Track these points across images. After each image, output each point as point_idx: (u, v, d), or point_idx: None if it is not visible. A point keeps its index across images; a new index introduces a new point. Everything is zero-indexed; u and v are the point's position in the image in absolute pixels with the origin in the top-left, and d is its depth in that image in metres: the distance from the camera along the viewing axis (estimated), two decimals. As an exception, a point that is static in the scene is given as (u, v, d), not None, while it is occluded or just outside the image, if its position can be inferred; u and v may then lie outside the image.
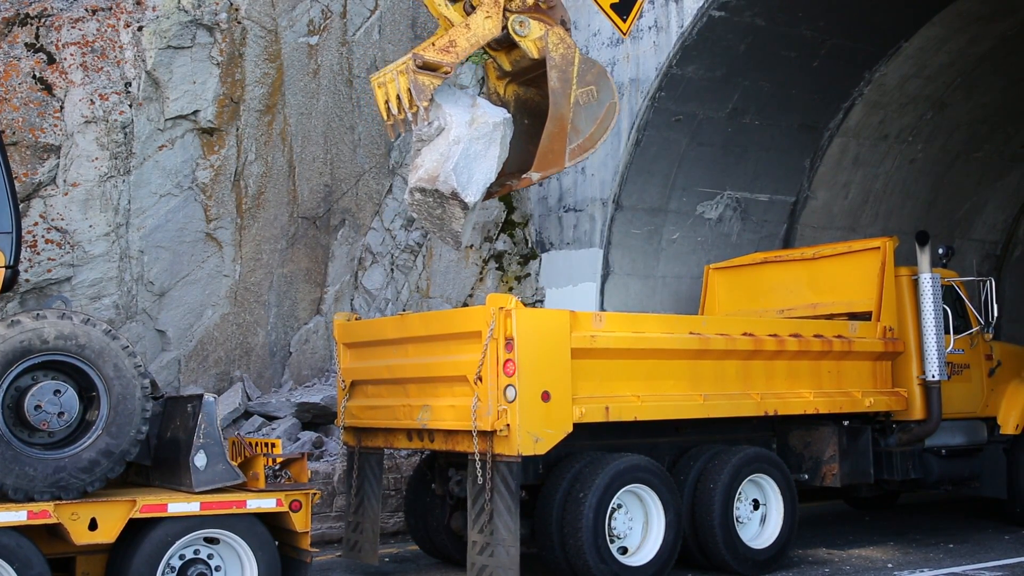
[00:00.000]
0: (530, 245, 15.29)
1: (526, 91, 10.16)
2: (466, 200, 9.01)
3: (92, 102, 12.61)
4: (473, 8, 9.59)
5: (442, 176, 8.97)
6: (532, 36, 9.48)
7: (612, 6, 14.19)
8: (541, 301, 15.02)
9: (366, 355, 10.42)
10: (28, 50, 12.55)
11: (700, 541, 9.90)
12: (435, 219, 9.22)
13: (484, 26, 9.36)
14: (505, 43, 9.62)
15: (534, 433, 8.71)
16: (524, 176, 9.46)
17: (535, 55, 9.52)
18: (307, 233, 14.23)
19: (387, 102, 9.26)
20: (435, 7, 9.50)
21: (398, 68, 9.07)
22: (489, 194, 9.56)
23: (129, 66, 12.93)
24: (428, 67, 9.01)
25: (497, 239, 15.29)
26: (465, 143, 9.10)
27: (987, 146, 17.91)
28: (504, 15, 9.39)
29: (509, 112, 9.75)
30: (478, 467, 8.85)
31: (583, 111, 9.54)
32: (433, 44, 9.20)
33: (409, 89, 8.96)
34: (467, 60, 15.24)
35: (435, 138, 9.19)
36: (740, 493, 10.07)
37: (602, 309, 14.34)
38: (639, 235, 14.70)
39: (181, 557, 7.79)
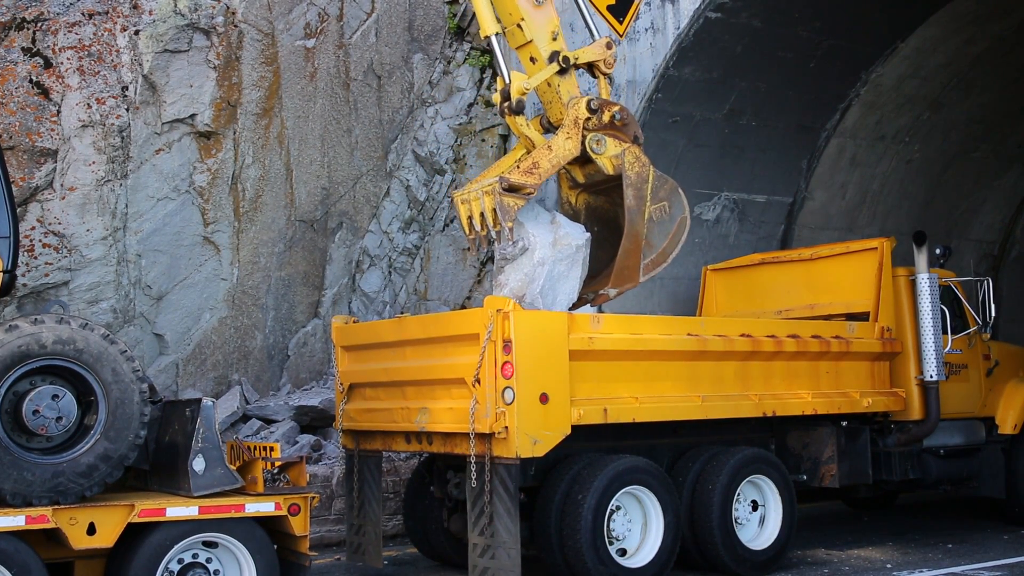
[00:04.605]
0: (528, 247, 15.28)
1: (596, 199, 10.61)
2: None
3: (89, 106, 12.61)
4: (551, 124, 10.18)
5: (528, 297, 9.44)
6: (608, 154, 9.97)
7: (608, 7, 14.21)
8: (539, 303, 15.00)
9: (364, 358, 10.42)
10: (25, 54, 12.54)
11: (699, 542, 9.89)
12: None
13: (565, 147, 9.87)
14: (580, 157, 10.04)
15: (532, 435, 8.71)
16: (601, 292, 9.90)
17: (610, 171, 9.99)
18: (304, 236, 14.23)
19: (470, 218, 9.72)
20: (517, 127, 9.96)
21: (484, 188, 9.51)
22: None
23: (126, 70, 12.93)
24: (513, 189, 9.43)
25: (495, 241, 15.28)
26: (549, 265, 9.59)
27: (984, 146, 17.93)
28: (582, 134, 9.86)
29: (580, 221, 10.28)
30: (475, 469, 8.85)
31: (656, 227, 10.01)
32: (518, 166, 9.65)
33: (494, 209, 9.37)
34: (465, 63, 15.31)
35: (519, 257, 9.67)
36: (739, 494, 10.07)
37: (600, 311, 14.33)
38: (637, 236, 14.68)
39: (180, 561, 7.79)
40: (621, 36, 14.09)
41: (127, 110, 12.87)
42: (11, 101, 12.32)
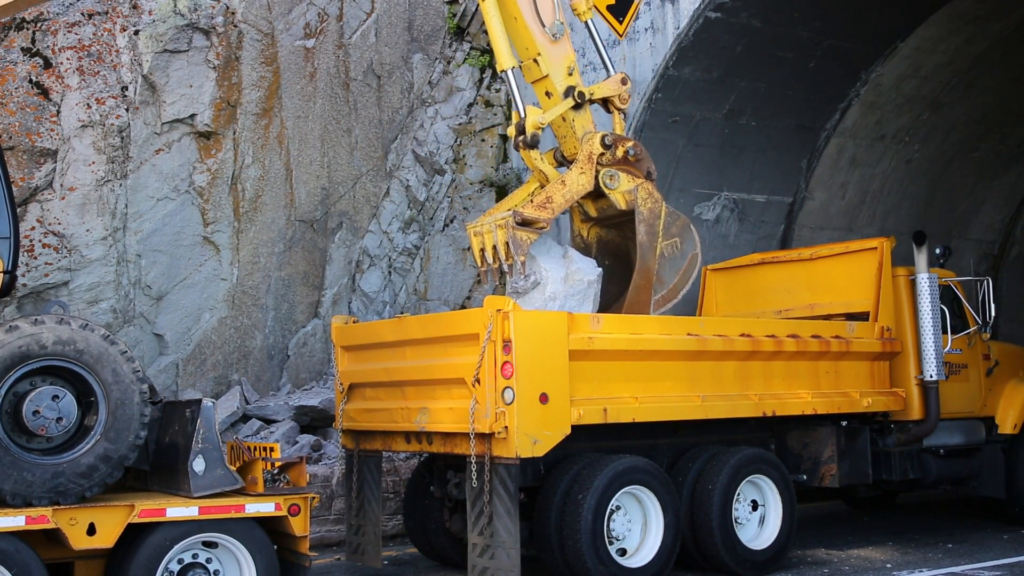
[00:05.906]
0: (528, 247, 15.29)
1: (608, 233, 10.70)
2: None
3: (89, 106, 12.61)
4: (564, 158, 10.26)
5: None
6: (621, 189, 10.09)
7: (608, 7, 14.21)
8: (539, 303, 15.00)
9: (364, 358, 10.42)
10: (24, 55, 12.54)
11: (699, 542, 9.89)
12: None
13: (579, 182, 9.98)
14: (593, 192, 10.12)
15: (532, 435, 8.71)
16: None
17: (623, 207, 10.10)
18: (304, 236, 14.23)
19: (482, 250, 9.78)
20: (531, 161, 10.07)
21: (497, 222, 9.58)
22: None
23: (125, 70, 12.93)
24: (526, 223, 9.53)
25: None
26: (561, 299, 9.68)
27: (984, 146, 17.93)
28: (595, 168, 9.95)
29: (591, 254, 10.36)
30: (475, 469, 8.85)
31: (668, 263, 10.12)
32: (531, 200, 9.74)
33: (507, 243, 9.44)
34: (466, 62, 15.31)
35: (530, 291, 9.73)
36: (739, 494, 10.07)
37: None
38: (636, 236, 14.69)
39: (180, 561, 7.79)
40: (621, 36, 14.09)
41: (127, 110, 12.87)
42: (11, 101, 12.32)
